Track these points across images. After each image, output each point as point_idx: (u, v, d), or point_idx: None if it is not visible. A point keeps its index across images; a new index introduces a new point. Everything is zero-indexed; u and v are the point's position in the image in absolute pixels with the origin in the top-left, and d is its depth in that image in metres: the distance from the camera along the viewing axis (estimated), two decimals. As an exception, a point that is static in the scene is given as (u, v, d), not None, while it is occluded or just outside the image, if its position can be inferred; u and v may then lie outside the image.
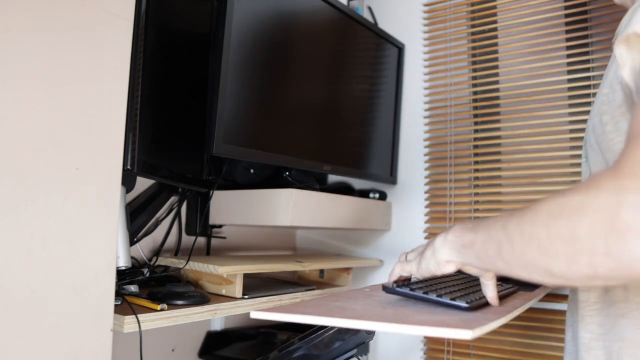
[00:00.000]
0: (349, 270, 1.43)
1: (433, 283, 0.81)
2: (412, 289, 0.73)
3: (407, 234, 1.50)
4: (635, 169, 0.45)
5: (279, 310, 0.70)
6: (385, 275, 1.52)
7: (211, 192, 1.23)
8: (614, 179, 0.46)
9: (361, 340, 0.99)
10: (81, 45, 0.72)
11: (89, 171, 0.72)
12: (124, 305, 0.89)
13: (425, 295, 0.72)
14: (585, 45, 1.25)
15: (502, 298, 0.82)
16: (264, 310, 0.69)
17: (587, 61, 1.25)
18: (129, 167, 0.87)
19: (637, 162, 0.46)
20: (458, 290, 0.78)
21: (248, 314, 1.04)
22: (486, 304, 0.76)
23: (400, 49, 1.54)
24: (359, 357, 1.03)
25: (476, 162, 1.40)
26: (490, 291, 0.76)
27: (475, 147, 1.40)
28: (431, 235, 1.46)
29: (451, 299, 0.70)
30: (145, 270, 1.06)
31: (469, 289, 0.81)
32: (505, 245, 0.56)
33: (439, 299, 0.71)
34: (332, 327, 0.97)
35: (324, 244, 1.66)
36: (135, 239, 1.12)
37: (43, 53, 0.68)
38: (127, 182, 1.00)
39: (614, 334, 0.70)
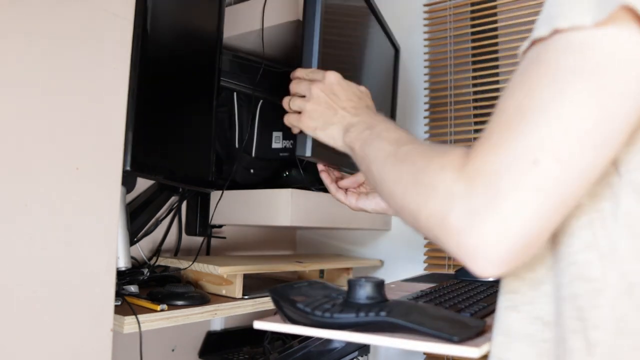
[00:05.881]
0: (349, 270, 1.42)
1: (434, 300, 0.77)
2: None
3: (407, 234, 1.50)
4: (479, 174, 0.45)
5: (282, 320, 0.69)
6: (385, 276, 1.52)
7: (211, 192, 1.23)
8: (453, 181, 0.47)
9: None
10: (81, 45, 0.72)
11: (89, 171, 0.72)
12: (124, 305, 0.89)
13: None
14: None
15: None
16: (268, 320, 0.69)
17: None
18: (129, 167, 0.87)
19: (485, 165, 0.45)
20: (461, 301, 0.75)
21: (248, 314, 1.04)
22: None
23: (397, 50, 1.54)
24: (359, 358, 1.03)
25: (476, 162, 1.40)
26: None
27: (476, 147, 1.40)
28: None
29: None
30: (145, 271, 1.06)
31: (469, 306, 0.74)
32: (374, 165, 0.61)
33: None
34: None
35: (324, 244, 1.66)
36: (135, 239, 1.12)
37: (43, 53, 0.68)
38: (127, 182, 0.99)
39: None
